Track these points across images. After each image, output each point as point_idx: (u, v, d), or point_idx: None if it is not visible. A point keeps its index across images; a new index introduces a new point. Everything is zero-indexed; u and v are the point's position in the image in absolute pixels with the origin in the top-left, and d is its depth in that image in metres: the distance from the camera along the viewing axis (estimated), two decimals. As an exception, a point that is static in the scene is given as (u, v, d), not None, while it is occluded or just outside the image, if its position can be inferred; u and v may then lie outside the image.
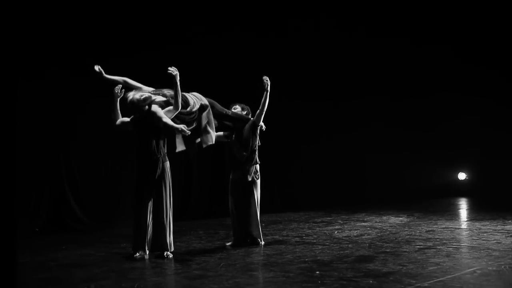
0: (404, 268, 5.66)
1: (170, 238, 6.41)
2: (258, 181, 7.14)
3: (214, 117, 6.85)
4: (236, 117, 7.12)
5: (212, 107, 6.87)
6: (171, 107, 6.36)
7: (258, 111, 7.10)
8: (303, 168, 12.08)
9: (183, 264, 6.09)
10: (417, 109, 13.80)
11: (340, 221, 9.74)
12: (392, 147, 13.31)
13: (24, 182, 8.20)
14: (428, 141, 13.88)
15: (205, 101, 6.81)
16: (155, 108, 6.32)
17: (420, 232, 8.17)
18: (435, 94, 13.86)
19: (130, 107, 6.33)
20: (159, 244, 6.37)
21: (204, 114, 6.76)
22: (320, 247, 7.06)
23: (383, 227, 8.81)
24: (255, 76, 10.87)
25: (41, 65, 8.65)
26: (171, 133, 6.60)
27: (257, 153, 7.18)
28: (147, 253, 6.41)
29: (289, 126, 11.66)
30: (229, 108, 7.20)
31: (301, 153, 12.05)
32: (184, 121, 6.49)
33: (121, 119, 6.62)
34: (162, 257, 6.32)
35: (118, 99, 6.59)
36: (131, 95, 6.34)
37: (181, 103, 6.35)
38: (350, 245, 7.12)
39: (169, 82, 6.33)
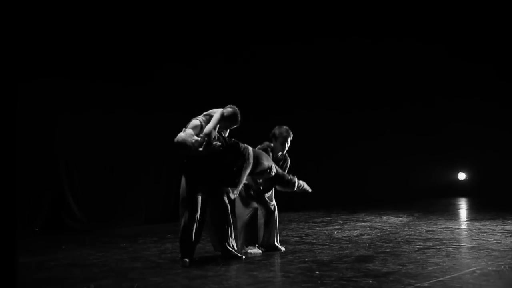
0: (404, 268, 5.66)
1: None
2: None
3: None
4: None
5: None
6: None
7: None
8: (303, 168, 12.06)
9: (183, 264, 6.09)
10: (416, 110, 13.81)
11: (340, 221, 9.74)
12: (392, 147, 13.31)
13: (24, 183, 8.19)
14: (428, 142, 13.89)
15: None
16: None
17: (420, 232, 8.17)
18: (434, 97, 13.88)
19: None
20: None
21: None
22: (320, 247, 7.06)
23: (383, 227, 8.82)
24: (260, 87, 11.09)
25: (41, 66, 8.64)
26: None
27: None
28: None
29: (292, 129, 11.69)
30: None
31: (301, 154, 12.04)
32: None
33: None
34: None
35: None
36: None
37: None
38: (350, 245, 7.13)
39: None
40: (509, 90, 13.60)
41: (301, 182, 6.96)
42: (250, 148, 6.36)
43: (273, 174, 6.60)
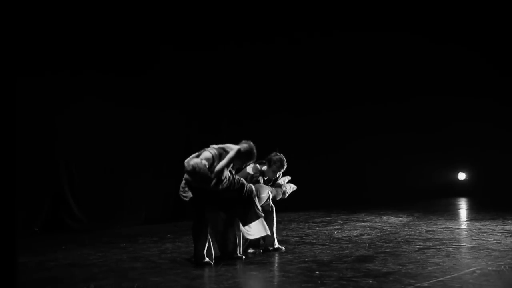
0: (404, 268, 5.67)
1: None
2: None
3: None
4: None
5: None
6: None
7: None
8: (303, 168, 12.07)
9: (183, 264, 6.10)
10: (416, 110, 13.80)
11: (340, 221, 9.74)
12: (392, 147, 13.30)
13: (24, 183, 8.18)
14: (428, 142, 13.88)
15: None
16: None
17: (420, 232, 8.17)
18: (434, 96, 13.86)
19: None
20: None
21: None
22: (320, 247, 7.06)
23: (383, 227, 8.82)
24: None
25: (39, 64, 8.64)
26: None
27: None
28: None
29: (291, 129, 11.68)
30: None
31: (301, 154, 12.05)
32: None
33: None
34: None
35: None
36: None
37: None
38: (350, 245, 7.13)
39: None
40: (509, 88, 13.59)
41: (287, 189, 7.15)
42: (254, 193, 6.39)
43: (270, 201, 6.82)
